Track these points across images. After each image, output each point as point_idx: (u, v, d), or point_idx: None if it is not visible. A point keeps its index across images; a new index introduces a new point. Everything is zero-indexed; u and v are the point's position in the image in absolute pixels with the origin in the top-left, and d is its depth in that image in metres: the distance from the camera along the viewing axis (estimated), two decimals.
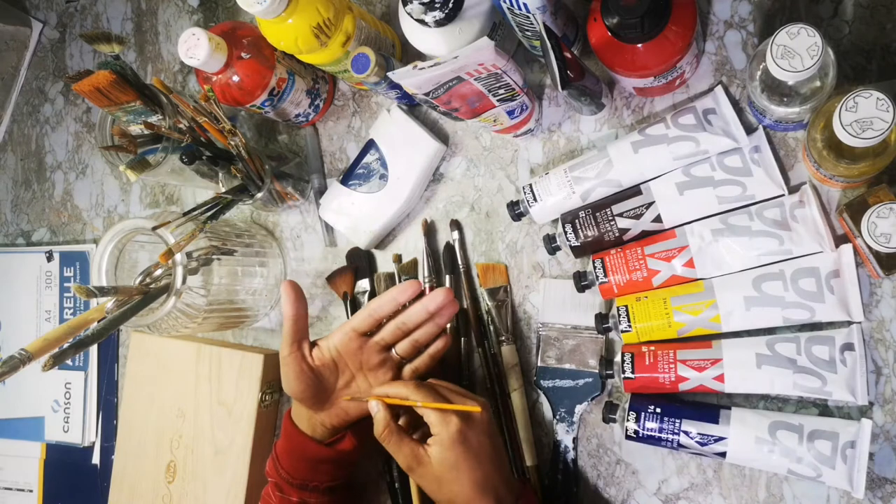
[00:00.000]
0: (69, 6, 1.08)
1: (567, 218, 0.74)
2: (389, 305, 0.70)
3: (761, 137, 0.69)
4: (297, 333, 0.71)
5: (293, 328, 0.71)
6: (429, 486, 0.64)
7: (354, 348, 0.71)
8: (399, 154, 0.81)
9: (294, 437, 0.73)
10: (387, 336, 0.71)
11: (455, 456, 0.62)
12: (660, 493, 0.73)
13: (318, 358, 0.71)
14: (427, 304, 0.70)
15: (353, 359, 0.71)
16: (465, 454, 0.62)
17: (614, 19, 0.62)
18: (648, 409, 0.69)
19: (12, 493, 1.03)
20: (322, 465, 0.73)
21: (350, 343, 0.71)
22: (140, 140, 0.77)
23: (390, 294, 0.70)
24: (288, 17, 0.69)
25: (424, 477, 0.64)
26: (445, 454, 0.62)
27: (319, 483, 0.73)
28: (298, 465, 0.72)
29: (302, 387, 0.70)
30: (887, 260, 0.63)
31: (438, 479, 0.63)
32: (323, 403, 0.72)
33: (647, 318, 0.70)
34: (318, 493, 0.73)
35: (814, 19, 0.69)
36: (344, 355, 0.71)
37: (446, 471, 0.62)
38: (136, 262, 0.83)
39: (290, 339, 0.70)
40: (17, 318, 1.06)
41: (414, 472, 0.64)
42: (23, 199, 1.08)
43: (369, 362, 0.71)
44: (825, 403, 0.67)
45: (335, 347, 0.71)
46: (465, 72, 0.64)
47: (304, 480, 0.72)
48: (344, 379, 0.72)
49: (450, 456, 0.62)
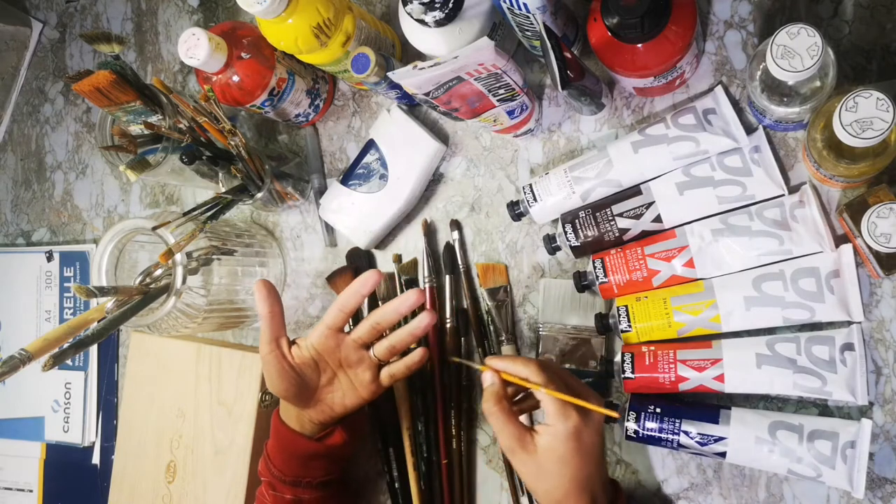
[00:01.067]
0: (69, 6, 1.08)
1: (567, 218, 0.74)
2: (354, 299, 0.70)
3: (761, 137, 0.69)
4: (275, 331, 0.70)
5: (270, 325, 0.70)
6: (526, 473, 0.62)
7: (332, 346, 0.71)
8: (399, 154, 0.81)
9: (284, 434, 0.73)
10: (362, 334, 0.71)
11: (566, 451, 0.59)
12: (660, 493, 0.73)
13: (298, 356, 0.71)
14: (398, 306, 0.69)
15: (332, 356, 0.71)
16: (576, 451, 0.60)
17: (614, 19, 0.62)
18: (648, 409, 0.69)
19: (12, 493, 1.03)
20: (313, 461, 0.73)
21: (327, 341, 0.71)
22: (140, 140, 0.77)
23: (353, 287, 0.69)
24: (288, 17, 0.69)
25: (525, 463, 0.61)
26: (557, 446, 0.60)
27: (312, 479, 0.73)
28: (290, 463, 0.73)
29: (285, 385, 0.70)
30: (887, 260, 0.63)
31: (540, 469, 0.61)
32: (308, 401, 0.71)
33: (647, 318, 0.70)
34: (311, 488, 0.73)
35: (814, 19, 0.69)
36: (323, 353, 0.71)
37: (552, 463, 0.60)
38: (136, 262, 0.83)
39: (267, 336, 0.70)
40: (17, 318, 1.05)
41: (514, 455, 0.61)
42: (23, 199, 1.08)
43: (348, 359, 0.71)
44: (825, 403, 0.67)
45: (313, 346, 0.71)
46: (465, 72, 0.64)
47: (297, 477, 0.73)
48: (326, 376, 0.72)
49: (560, 449, 0.60)
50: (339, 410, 0.72)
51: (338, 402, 0.72)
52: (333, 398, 0.72)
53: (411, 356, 0.72)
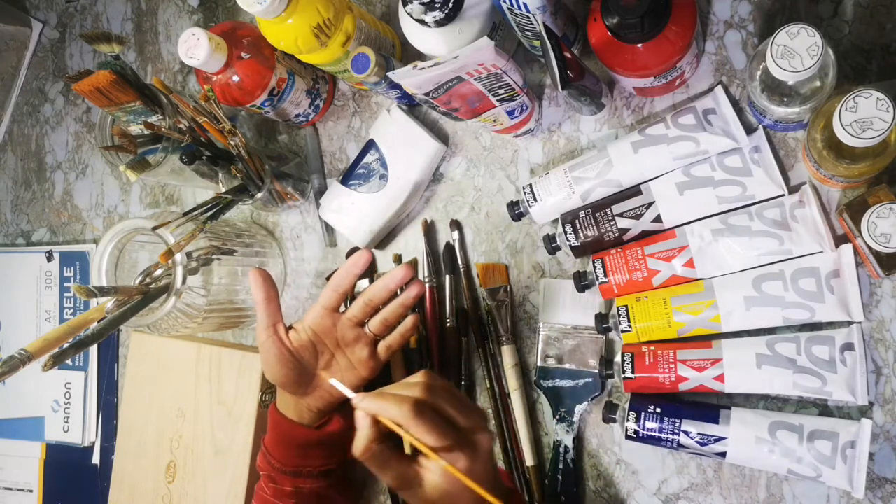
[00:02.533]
0: (69, 6, 1.08)
1: (567, 218, 0.74)
2: (347, 279, 0.70)
3: (761, 137, 0.69)
4: (271, 316, 0.71)
5: (266, 311, 0.70)
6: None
7: (329, 325, 0.71)
8: (399, 154, 0.81)
9: (282, 425, 0.73)
10: (357, 312, 0.72)
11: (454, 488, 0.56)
12: (660, 493, 0.73)
13: (296, 340, 0.71)
14: (388, 283, 0.71)
15: (329, 336, 0.72)
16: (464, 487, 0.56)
17: (614, 19, 0.62)
18: (648, 409, 0.69)
19: (12, 493, 1.03)
20: (313, 450, 0.73)
21: (323, 321, 0.71)
22: (140, 140, 0.77)
23: (345, 267, 0.70)
24: (288, 17, 0.69)
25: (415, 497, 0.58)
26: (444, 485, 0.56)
27: (313, 468, 0.73)
28: (289, 453, 0.73)
29: (284, 370, 0.70)
30: (887, 260, 0.63)
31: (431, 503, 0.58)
32: (306, 387, 0.71)
33: (647, 318, 0.70)
34: (311, 478, 0.73)
35: (814, 19, 0.69)
36: (320, 334, 0.71)
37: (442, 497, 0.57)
38: (136, 262, 0.83)
39: (264, 322, 0.70)
40: (17, 318, 1.05)
41: (403, 492, 0.58)
42: (23, 199, 1.08)
43: (345, 338, 0.72)
44: (825, 403, 0.67)
45: (310, 328, 0.71)
46: (465, 72, 0.64)
47: (297, 467, 0.73)
48: (324, 359, 0.72)
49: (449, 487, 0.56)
50: (338, 394, 0.72)
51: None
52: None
53: (403, 324, 0.73)
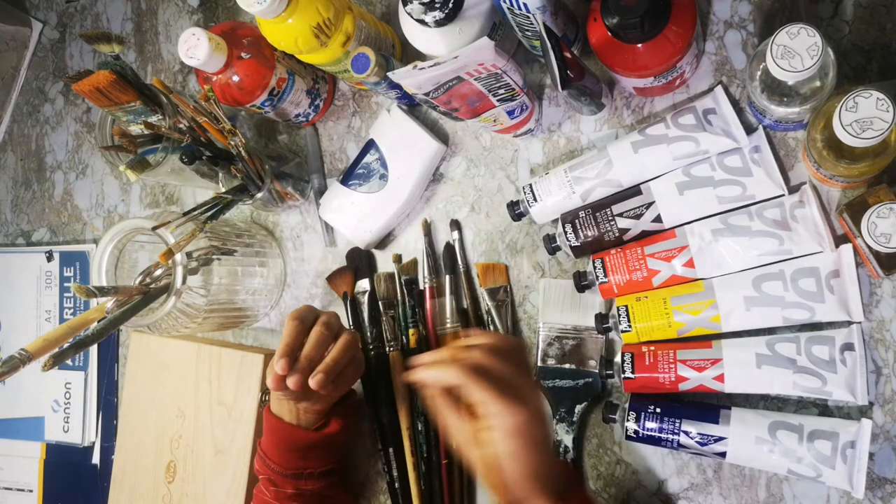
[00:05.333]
0: (69, 6, 1.08)
1: (567, 218, 0.74)
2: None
3: (761, 137, 0.69)
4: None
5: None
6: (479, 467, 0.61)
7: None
8: (399, 154, 0.81)
9: (279, 429, 0.73)
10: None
11: (515, 447, 0.58)
12: (660, 493, 0.73)
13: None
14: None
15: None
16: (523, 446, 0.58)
17: (614, 19, 0.62)
18: (648, 409, 0.69)
19: (12, 493, 1.03)
20: (312, 452, 0.74)
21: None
22: (140, 140, 0.77)
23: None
24: (288, 17, 0.69)
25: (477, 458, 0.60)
26: (507, 442, 0.58)
27: (313, 469, 0.74)
28: (289, 457, 0.73)
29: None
30: (887, 260, 0.63)
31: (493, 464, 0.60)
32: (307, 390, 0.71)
33: (647, 318, 0.70)
34: (313, 479, 0.74)
35: (814, 19, 0.69)
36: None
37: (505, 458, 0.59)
38: (136, 262, 0.83)
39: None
40: (17, 318, 1.05)
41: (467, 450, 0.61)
42: (23, 199, 1.08)
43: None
44: (825, 403, 0.67)
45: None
46: (465, 72, 0.64)
47: (297, 470, 0.73)
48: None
49: (511, 444, 0.58)
50: (336, 394, 0.73)
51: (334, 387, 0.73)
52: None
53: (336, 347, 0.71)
